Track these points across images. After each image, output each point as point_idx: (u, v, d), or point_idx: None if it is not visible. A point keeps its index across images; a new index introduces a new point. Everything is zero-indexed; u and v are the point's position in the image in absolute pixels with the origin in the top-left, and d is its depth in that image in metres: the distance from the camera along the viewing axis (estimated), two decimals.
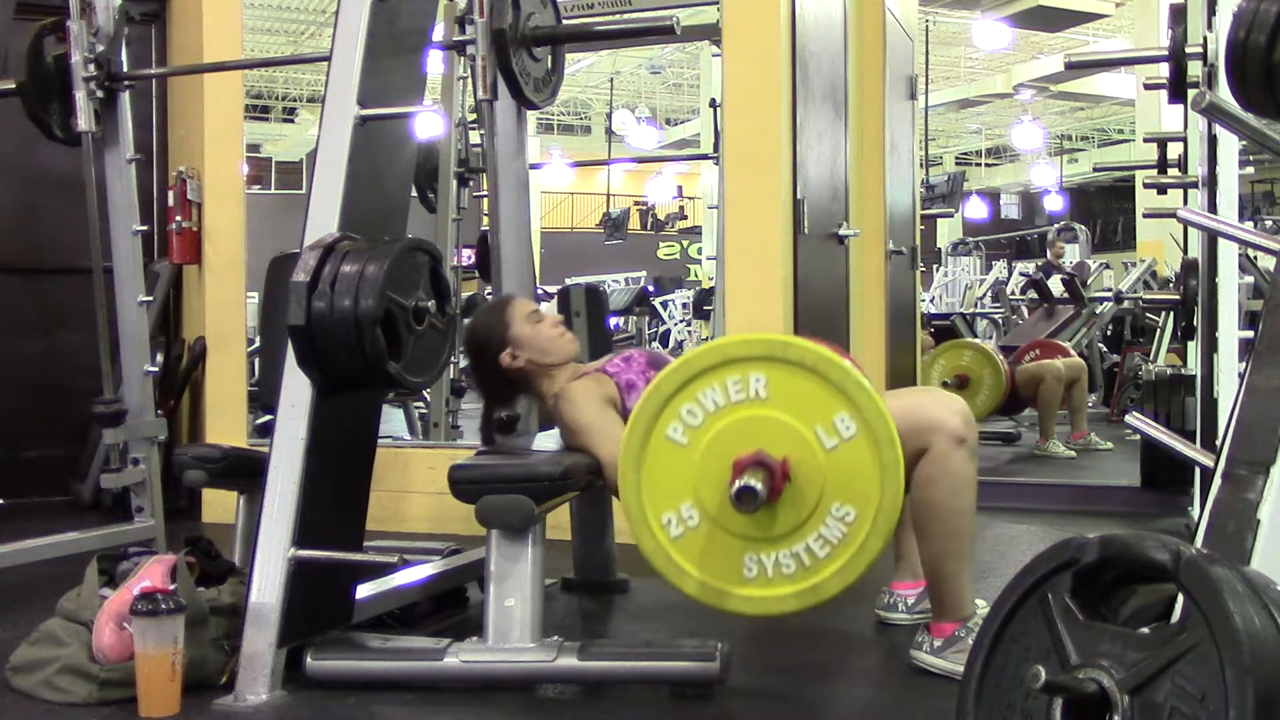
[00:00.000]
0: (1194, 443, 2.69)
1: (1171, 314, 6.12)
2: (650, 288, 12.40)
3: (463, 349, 2.96)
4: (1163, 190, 4.69)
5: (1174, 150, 4.74)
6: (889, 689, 2.42)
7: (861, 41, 4.76)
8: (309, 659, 2.28)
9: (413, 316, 2.24)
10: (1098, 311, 7.59)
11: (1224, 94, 1.79)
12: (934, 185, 10.61)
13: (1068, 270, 9.03)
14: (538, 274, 3.51)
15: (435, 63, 5.20)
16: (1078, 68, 10.00)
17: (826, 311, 4.15)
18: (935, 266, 12.64)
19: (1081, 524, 4.00)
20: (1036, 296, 8.00)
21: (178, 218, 4.36)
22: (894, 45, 4.97)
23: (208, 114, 4.39)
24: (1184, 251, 4.60)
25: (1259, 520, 1.56)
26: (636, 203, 19.76)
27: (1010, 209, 23.15)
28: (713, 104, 5.12)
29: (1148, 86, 4.56)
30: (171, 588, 2.22)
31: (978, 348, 6.21)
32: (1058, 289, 7.94)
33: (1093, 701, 1.36)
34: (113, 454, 3.36)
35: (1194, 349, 3.90)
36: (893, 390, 2.88)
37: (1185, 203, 4.03)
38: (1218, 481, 1.63)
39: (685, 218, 19.75)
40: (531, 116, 4.57)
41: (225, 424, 4.36)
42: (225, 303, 4.43)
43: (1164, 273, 8.91)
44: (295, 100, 19.42)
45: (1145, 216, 11.29)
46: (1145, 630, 1.40)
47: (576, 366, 2.68)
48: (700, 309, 10.49)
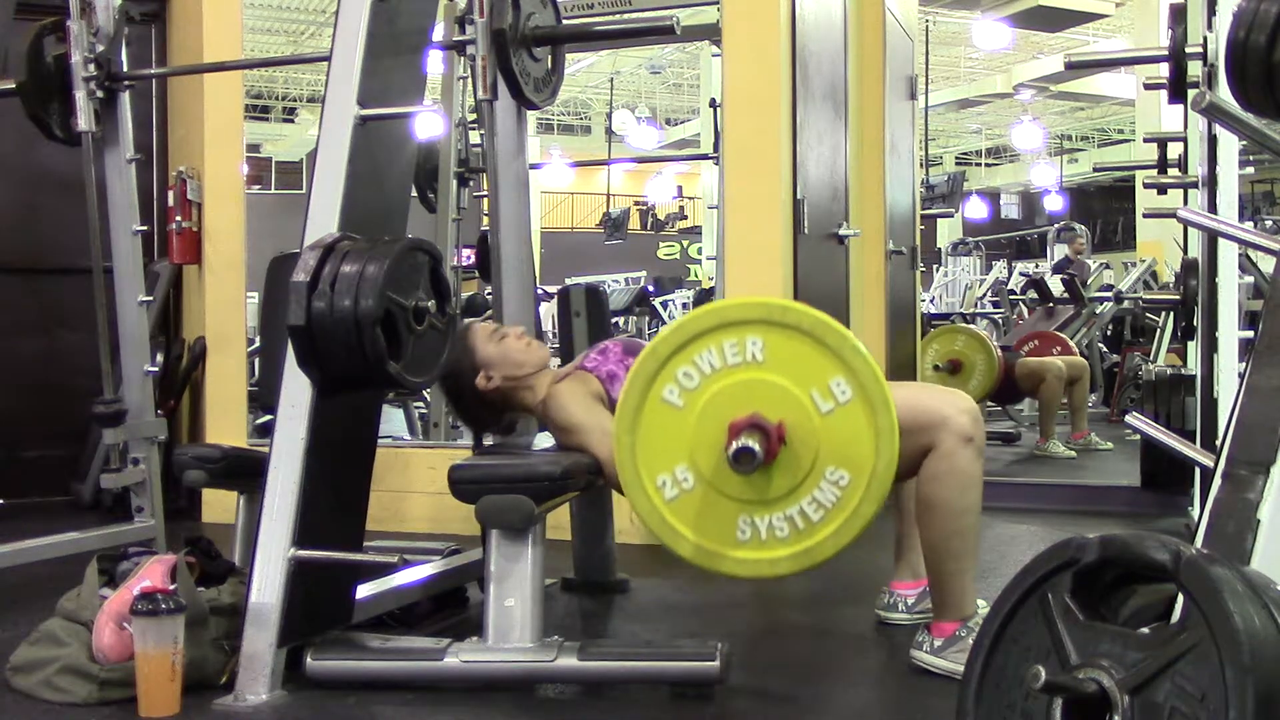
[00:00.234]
0: (1194, 443, 2.70)
1: (1171, 314, 6.12)
2: (650, 288, 12.37)
3: (441, 391, 2.95)
4: (1163, 190, 4.69)
5: (1174, 150, 4.74)
6: (889, 689, 2.42)
7: (861, 41, 4.76)
8: (309, 659, 2.28)
9: (413, 316, 2.24)
10: (1098, 311, 7.59)
11: (1224, 94, 1.79)
12: (934, 185, 10.61)
13: (1086, 265, 9.06)
14: (538, 274, 3.52)
15: (435, 63, 5.20)
16: (1078, 68, 10.00)
17: (826, 311, 4.14)
18: (935, 266, 12.64)
19: (1081, 524, 4.00)
20: (1036, 296, 8.00)
21: (178, 218, 4.36)
22: (894, 45, 4.98)
23: (208, 114, 4.39)
24: (1184, 251, 4.60)
25: (1259, 520, 1.56)
26: (636, 203, 19.77)
27: (1010, 209, 23.17)
28: (713, 104, 5.11)
29: (1148, 86, 4.56)
30: (171, 588, 2.22)
31: (971, 332, 6.25)
32: (1058, 289, 7.94)
33: (1093, 701, 1.36)
34: (113, 454, 3.36)
35: (1194, 349, 3.90)
36: (898, 382, 2.87)
37: (1185, 203, 4.03)
38: (1218, 481, 1.63)
39: (685, 218, 19.76)
40: (531, 116, 4.56)
41: (225, 424, 4.36)
42: (225, 303, 4.43)
43: (1164, 273, 8.91)
44: (295, 100, 19.43)
45: (1145, 216, 11.28)
46: (1145, 630, 1.40)
47: (553, 371, 2.67)
48: None
